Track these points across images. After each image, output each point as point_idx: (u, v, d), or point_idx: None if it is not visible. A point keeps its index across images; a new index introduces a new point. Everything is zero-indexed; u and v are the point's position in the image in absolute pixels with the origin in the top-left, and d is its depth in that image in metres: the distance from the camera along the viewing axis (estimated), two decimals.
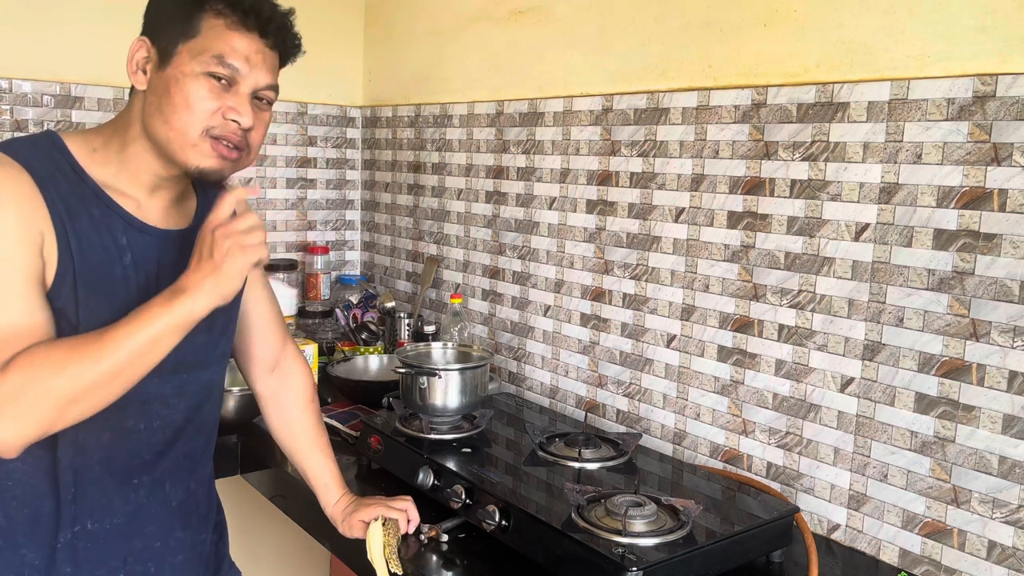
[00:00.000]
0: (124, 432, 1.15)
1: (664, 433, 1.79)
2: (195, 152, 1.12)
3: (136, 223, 1.15)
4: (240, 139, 1.14)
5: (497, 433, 1.76)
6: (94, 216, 1.11)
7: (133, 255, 1.14)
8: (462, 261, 2.37)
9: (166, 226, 1.19)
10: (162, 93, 1.11)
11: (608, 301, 1.91)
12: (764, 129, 1.57)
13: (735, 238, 1.63)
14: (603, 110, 1.89)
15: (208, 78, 1.11)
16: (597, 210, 1.92)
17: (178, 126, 1.10)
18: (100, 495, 1.15)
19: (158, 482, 1.21)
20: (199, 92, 1.10)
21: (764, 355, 1.59)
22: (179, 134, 1.11)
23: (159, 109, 1.11)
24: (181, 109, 1.10)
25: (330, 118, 2.72)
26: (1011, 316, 1.26)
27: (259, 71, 1.14)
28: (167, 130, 1.11)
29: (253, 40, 1.13)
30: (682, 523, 1.31)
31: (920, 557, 1.39)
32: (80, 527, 1.14)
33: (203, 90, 1.10)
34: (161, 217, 1.19)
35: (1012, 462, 1.27)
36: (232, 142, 1.13)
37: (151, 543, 1.21)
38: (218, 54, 1.10)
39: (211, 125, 1.11)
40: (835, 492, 1.50)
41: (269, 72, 1.16)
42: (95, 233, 1.10)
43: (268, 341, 1.45)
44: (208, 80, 1.11)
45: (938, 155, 1.33)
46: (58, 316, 1.07)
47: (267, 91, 1.16)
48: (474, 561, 1.40)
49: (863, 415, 1.45)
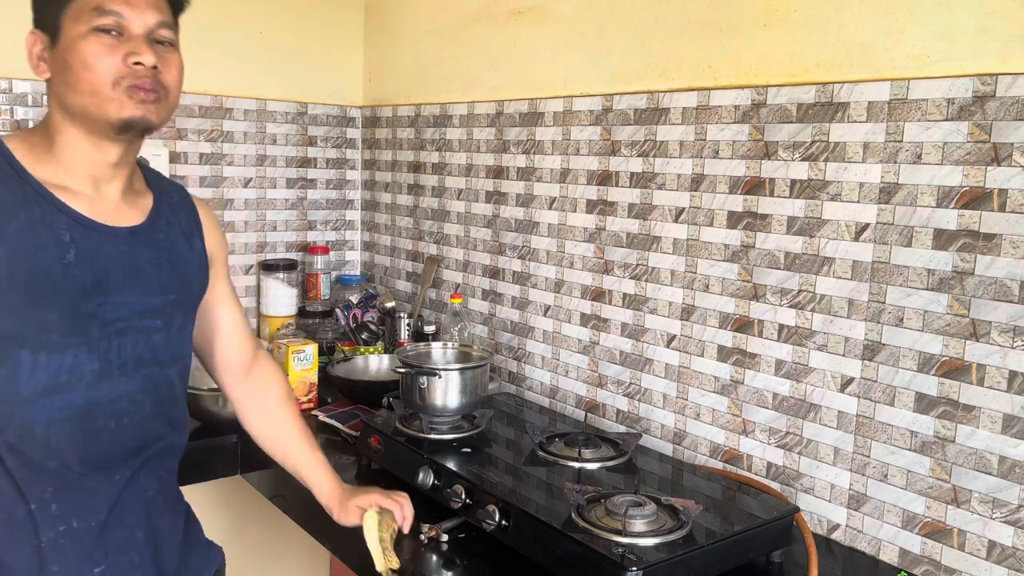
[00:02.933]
0: (96, 432, 1.15)
1: (664, 433, 1.79)
2: (113, 106, 1.11)
3: (83, 220, 1.13)
4: (152, 81, 1.12)
5: (497, 433, 1.76)
6: (33, 216, 1.09)
7: (78, 251, 1.12)
8: (462, 261, 2.37)
9: (117, 223, 1.18)
10: (63, 68, 1.11)
11: (608, 301, 1.91)
12: (764, 129, 1.57)
13: (735, 238, 1.63)
14: (603, 110, 1.89)
15: (97, 34, 1.10)
16: (597, 210, 1.92)
17: (87, 88, 1.10)
18: (82, 493, 1.14)
19: (135, 475, 1.20)
20: (93, 49, 1.10)
21: (764, 355, 1.59)
22: (91, 94, 1.10)
23: (65, 82, 1.12)
24: (82, 71, 1.10)
25: (330, 118, 2.72)
26: (1011, 316, 1.26)
27: (143, 11, 1.13)
28: (79, 96, 1.11)
29: None
30: (682, 523, 1.31)
31: (920, 557, 1.39)
32: (65, 526, 1.13)
33: (96, 47, 1.10)
34: (112, 214, 1.18)
35: (1012, 462, 1.27)
36: (145, 86, 1.12)
37: (132, 533, 1.20)
38: (96, 5, 1.10)
39: (119, 76, 1.11)
40: (835, 492, 1.50)
41: (154, 10, 1.14)
42: (31, 233, 1.08)
43: (239, 347, 1.45)
44: (97, 36, 1.10)
45: (938, 155, 1.33)
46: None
47: (161, 30, 1.15)
48: (474, 561, 1.40)
49: (863, 415, 1.45)
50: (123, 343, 1.16)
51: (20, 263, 1.07)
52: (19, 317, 1.07)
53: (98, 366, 1.13)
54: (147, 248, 1.20)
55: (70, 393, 1.11)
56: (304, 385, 2.08)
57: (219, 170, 2.49)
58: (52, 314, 1.09)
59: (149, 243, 1.21)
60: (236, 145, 2.52)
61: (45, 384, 1.09)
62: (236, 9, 2.47)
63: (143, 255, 1.19)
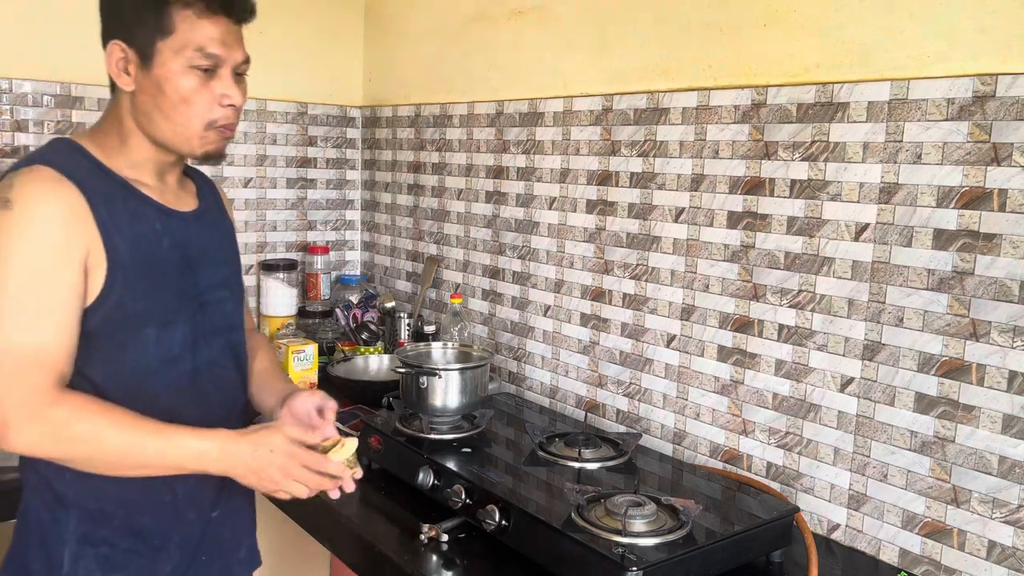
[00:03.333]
0: (204, 395, 1.26)
1: (664, 433, 1.79)
2: (201, 142, 1.21)
3: (164, 209, 1.24)
4: (236, 117, 1.24)
5: (497, 433, 1.76)
6: (130, 209, 1.19)
7: (170, 238, 1.23)
8: (462, 261, 2.37)
9: (181, 208, 1.28)
10: (155, 93, 1.18)
11: (608, 301, 1.91)
12: (764, 129, 1.57)
13: (735, 238, 1.63)
14: (603, 110, 1.89)
15: (194, 70, 1.17)
16: (597, 210, 1.92)
17: (181, 121, 1.19)
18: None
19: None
20: (190, 85, 1.17)
21: (764, 355, 1.59)
22: (183, 128, 1.19)
23: (157, 108, 1.18)
24: (180, 104, 1.18)
25: (330, 118, 2.72)
26: (1011, 316, 1.26)
27: (234, 50, 1.21)
28: (170, 126, 1.19)
29: (222, 22, 1.19)
30: (682, 523, 1.31)
31: (920, 557, 1.39)
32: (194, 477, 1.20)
33: (193, 82, 1.17)
34: (175, 201, 1.28)
35: (1012, 462, 1.27)
36: (232, 126, 1.23)
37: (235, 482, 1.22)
38: (199, 47, 1.17)
39: (212, 118, 1.20)
40: (835, 492, 1.50)
41: (241, 47, 1.23)
42: (137, 224, 1.19)
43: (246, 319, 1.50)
44: (194, 72, 1.17)
45: (938, 155, 1.33)
46: (115, 309, 1.15)
47: (244, 65, 1.24)
48: (474, 561, 1.40)
49: (863, 415, 1.45)
50: (206, 314, 1.27)
51: (137, 253, 1.17)
52: (145, 299, 1.18)
53: (192, 338, 1.24)
54: (207, 228, 1.33)
55: (182, 363, 1.23)
56: (304, 385, 2.08)
57: (219, 170, 2.49)
58: (167, 294, 1.21)
59: (206, 223, 1.33)
60: (236, 145, 2.52)
61: (165, 355, 1.21)
62: None
63: (206, 234, 1.32)
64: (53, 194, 1.11)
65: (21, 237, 1.08)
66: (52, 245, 1.10)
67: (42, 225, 1.09)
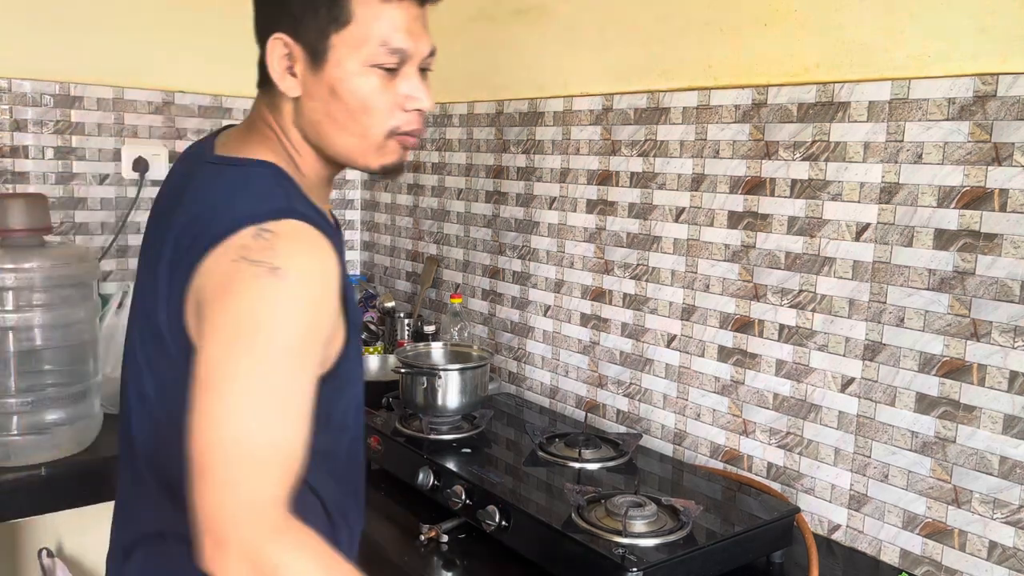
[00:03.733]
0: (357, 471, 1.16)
1: (664, 433, 1.79)
2: (380, 154, 1.00)
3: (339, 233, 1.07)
4: (423, 123, 1.02)
5: (497, 433, 1.76)
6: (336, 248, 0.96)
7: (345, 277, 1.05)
8: (462, 261, 2.36)
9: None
10: (327, 98, 0.97)
11: (608, 301, 1.90)
12: (764, 129, 1.57)
13: (735, 238, 1.63)
14: (603, 110, 1.89)
15: (375, 69, 0.96)
16: (597, 210, 1.92)
17: (359, 131, 0.98)
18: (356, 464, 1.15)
19: None
20: (370, 87, 0.96)
21: (764, 355, 1.59)
22: (362, 139, 0.99)
23: (329, 116, 0.97)
24: (360, 114, 0.97)
25: None
26: (1012, 316, 1.26)
27: (421, 41, 0.99)
28: (346, 137, 0.99)
29: (407, 6, 0.97)
30: (682, 524, 1.30)
31: (921, 557, 1.38)
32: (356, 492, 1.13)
33: (374, 84, 0.96)
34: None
35: (1013, 462, 1.27)
36: (418, 132, 1.01)
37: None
38: (383, 41, 0.95)
39: (395, 124, 0.99)
40: (836, 492, 1.50)
41: (428, 36, 1.00)
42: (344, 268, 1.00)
43: None
44: (375, 71, 0.96)
45: (939, 155, 1.33)
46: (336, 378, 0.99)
47: (430, 59, 1.02)
48: (474, 561, 1.40)
49: (864, 415, 1.45)
50: None
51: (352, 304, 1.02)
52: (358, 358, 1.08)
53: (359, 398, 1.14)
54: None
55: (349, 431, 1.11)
56: None
57: None
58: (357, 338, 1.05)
59: None
60: None
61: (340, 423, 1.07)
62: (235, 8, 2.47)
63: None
64: (322, 261, 0.90)
65: (290, 314, 0.86)
66: (318, 323, 0.89)
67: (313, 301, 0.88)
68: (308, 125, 0.99)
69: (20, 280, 1.66)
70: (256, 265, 0.85)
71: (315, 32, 0.95)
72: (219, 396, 0.82)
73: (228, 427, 0.81)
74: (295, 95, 0.98)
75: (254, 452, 0.82)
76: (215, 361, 0.83)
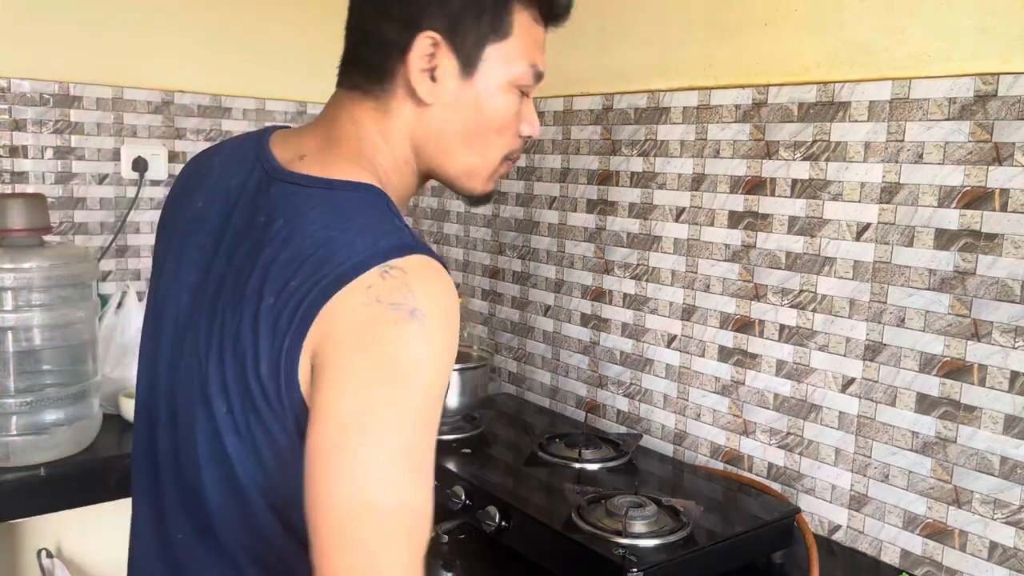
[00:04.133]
0: None
1: (664, 433, 1.79)
2: (491, 178, 0.95)
3: None
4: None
5: (497, 434, 1.76)
6: None
7: None
8: (462, 261, 2.36)
9: None
10: (467, 112, 0.88)
11: (608, 301, 1.90)
12: (765, 128, 1.57)
13: (736, 238, 1.63)
14: (603, 109, 1.88)
15: (515, 90, 0.91)
16: (597, 210, 1.91)
17: (486, 153, 0.91)
18: None
19: None
20: (511, 109, 0.90)
21: (765, 355, 1.59)
22: (484, 162, 0.92)
23: (464, 132, 0.89)
24: (493, 135, 0.90)
25: None
26: (1013, 316, 1.26)
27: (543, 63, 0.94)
28: (471, 156, 0.91)
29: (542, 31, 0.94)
30: (683, 524, 1.30)
31: (921, 558, 1.38)
32: None
33: (513, 106, 0.91)
34: None
35: (1013, 463, 1.27)
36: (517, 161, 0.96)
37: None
38: (533, 62, 0.91)
39: (512, 149, 0.94)
40: (836, 493, 1.50)
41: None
42: None
43: None
44: (515, 92, 0.91)
45: (939, 155, 1.33)
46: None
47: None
48: (474, 562, 1.40)
49: (864, 415, 1.45)
50: None
51: None
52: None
53: None
54: None
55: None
56: None
57: None
58: None
59: None
60: None
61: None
62: (235, 8, 2.47)
63: None
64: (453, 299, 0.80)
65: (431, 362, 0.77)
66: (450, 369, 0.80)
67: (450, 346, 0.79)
68: (430, 137, 0.90)
69: (19, 280, 1.65)
70: (395, 310, 0.75)
71: (473, 38, 0.87)
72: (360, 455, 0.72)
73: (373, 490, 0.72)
74: (429, 102, 0.88)
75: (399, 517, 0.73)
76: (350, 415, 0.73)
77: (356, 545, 0.71)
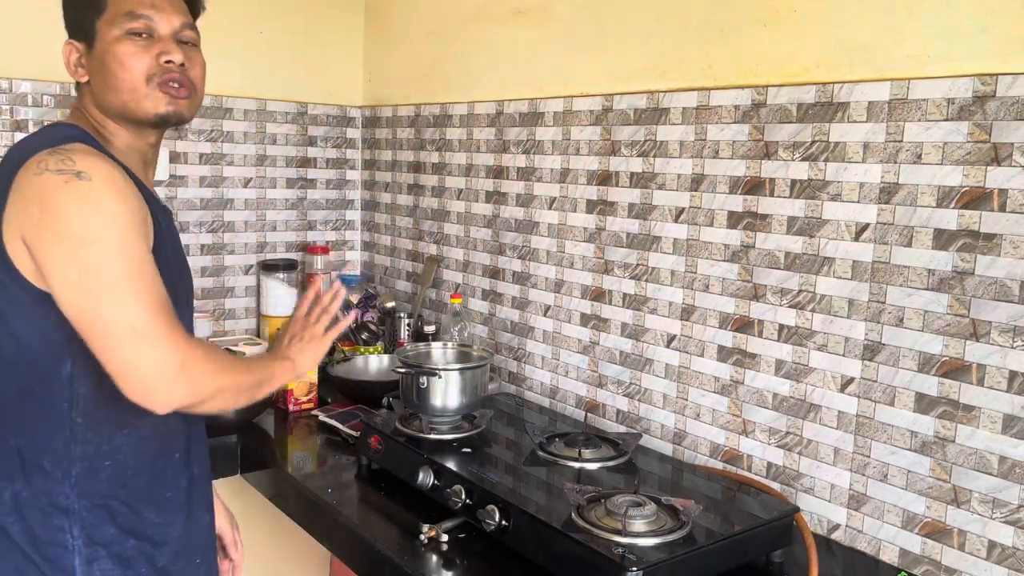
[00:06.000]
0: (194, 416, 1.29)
1: (664, 433, 1.79)
2: (149, 101, 1.21)
3: (159, 201, 1.25)
4: (181, 76, 1.23)
5: (497, 433, 1.76)
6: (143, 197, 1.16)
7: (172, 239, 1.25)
8: (462, 261, 2.36)
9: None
10: (100, 69, 1.21)
11: (608, 301, 1.90)
12: (764, 129, 1.57)
13: (735, 238, 1.63)
14: (603, 110, 1.89)
15: (130, 37, 1.20)
16: (597, 210, 1.92)
17: (125, 86, 1.20)
18: (200, 442, 1.31)
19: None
20: (128, 50, 1.20)
21: (764, 355, 1.59)
22: (128, 91, 1.20)
23: (104, 82, 1.21)
24: (120, 71, 1.20)
25: (330, 118, 2.72)
26: (1011, 316, 1.26)
27: (170, 14, 1.23)
28: (118, 95, 1.21)
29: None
30: (682, 523, 1.31)
31: (920, 557, 1.39)
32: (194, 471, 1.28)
33: (130, 47, 1.20)
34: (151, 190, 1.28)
35: (1012, 462, 1.27)
36: (175, 80, 1.22)
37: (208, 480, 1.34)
38: (128, 11, 1.20)
39: (151, 72, 1.21)
40: (835, 492, 1.50)
41: (179, 13, 1.25)
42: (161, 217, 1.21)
43: None
44: (131, 39, 1.20)
45: (938, 155, 1.33)
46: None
47: (185, 31, 1.25)
48: (474, 561, 1.40)
49: (863, 415, 1.45)
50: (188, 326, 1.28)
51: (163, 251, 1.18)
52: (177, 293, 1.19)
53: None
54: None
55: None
56: (304, 385, 2.08)
57: (219, 170, 2.49)
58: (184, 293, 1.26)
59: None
60: (236, 145, 2.52)
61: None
62: (236, 9, 2.47)
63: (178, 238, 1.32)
64: (116, 167, 1.11)
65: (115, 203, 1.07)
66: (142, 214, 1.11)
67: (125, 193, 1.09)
68: (96, 99, 1.23)
69: None
70: (61, 174, 1.05)
71: (87, 25, 1.21)
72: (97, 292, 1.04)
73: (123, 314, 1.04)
74: (85, 80, 1.23)
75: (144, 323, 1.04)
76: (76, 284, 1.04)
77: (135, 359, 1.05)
